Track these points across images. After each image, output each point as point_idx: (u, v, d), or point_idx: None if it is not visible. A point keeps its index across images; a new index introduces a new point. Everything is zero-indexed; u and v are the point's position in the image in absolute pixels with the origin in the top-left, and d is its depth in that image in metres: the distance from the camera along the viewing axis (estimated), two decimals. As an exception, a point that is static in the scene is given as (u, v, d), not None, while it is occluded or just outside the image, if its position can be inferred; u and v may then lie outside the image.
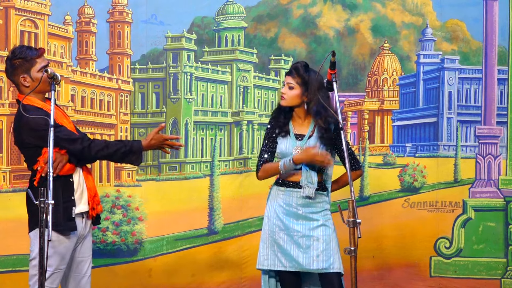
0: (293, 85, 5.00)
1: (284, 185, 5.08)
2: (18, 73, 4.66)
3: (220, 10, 7.21)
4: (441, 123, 7.25)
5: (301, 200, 5.00)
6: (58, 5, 6.89)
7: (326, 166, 4.99)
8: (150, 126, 7.06)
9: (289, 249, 4.99)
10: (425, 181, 7.25)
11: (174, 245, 6.98)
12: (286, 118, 5.09)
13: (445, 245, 7.15)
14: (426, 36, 7.27)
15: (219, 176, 7.10)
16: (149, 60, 7.08)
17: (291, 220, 5.02)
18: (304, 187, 4.96)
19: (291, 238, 4.99)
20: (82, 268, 4.84)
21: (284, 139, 5.07)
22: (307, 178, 4.95)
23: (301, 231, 4.99)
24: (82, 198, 4.77)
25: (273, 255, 5.03)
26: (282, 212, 5.05)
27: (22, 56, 4.65)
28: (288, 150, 5.03)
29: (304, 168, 4.96)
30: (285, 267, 4.99)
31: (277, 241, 5.02)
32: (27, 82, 4.65)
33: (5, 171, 6.64)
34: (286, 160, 4.96)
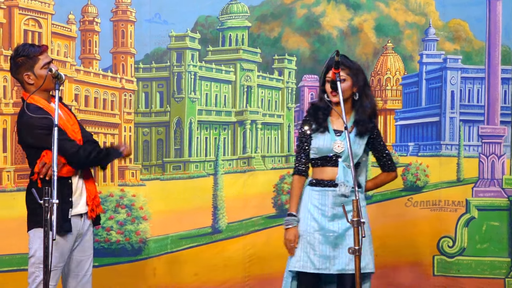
0: (344, 77, 4.93)
1: (319, 185, 5.02)
2: (21, 71, 4.68)
3: (224, 10, 7.21)
4: (443, 122, 7.26)
5: (337, 198, 4.93)
6: (62, 4, 6.89)
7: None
8: (154, 126, 7.07)
9: (324, 250, 4.92)
10: (428, 180, 7.26)
11: (178, 244, 6.98)
12: (324, 114, 5.04)
13: (448, 244, 7.15)
14: (429, 36, 7.28)
15: (223, 175, 7.10)
16: (153, 59, 7.08)
17: (326, 220, 4.95)
18: (340, 185, 4.91)
19: (327, 239, 4.93)
20: (82, 267, 4.86)
21: (323, 135, 5.01)
22: (344, 176, 4.91)
23: (336, 231, 4.92)
24: (80, 200, 4.79)
25: (305, 256, 4.95)
26: (317, 212, 4.98)
27: (24, 54, 4.67)
28: (326, 145, 4.98)
29: (341, 165, 4.93)
30: (317, 269, 4.93)
31: (311, 242, 4.94)
32: (30, 79, 4.68)
33: (9, 170, 6.64)
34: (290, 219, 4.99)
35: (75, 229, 4.75)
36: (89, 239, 4.89)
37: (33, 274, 4.73)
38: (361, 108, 4.99)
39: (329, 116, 5.05)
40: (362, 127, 4.98)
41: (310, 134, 5.05)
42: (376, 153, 5.14)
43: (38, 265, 4.68)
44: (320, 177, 5.03)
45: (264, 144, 7.26)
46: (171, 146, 7.06)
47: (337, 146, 4.96)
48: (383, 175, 5.23)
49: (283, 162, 7.28)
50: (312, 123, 5.05)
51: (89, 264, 4.90)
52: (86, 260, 4.88)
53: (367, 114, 4.99)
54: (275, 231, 7.04)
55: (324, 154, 5.00)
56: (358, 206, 4.26)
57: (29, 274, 4.73)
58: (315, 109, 5.08)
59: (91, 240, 4.93)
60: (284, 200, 7.13)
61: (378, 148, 5.12)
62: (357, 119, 5.00)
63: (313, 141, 5.03)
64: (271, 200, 7.16)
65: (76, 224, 4.75)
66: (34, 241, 4.73)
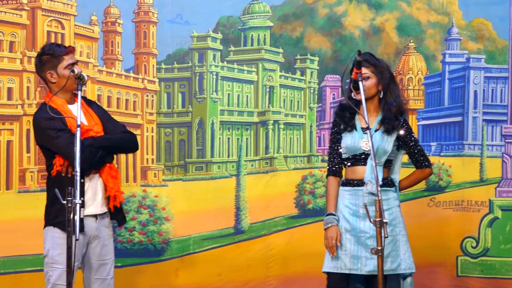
0: (369, 74, 4.91)
1: (349, 185, 5.00)
2: (45, 69, 4.74)
3: (245, 10, 7.21)
4: (466, 122, 7.22)
5: (367, 198, 4.89)
6: (84, 5, 6.92)
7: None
8: (176, 126, 7.08)
9: (356, 251, 4.88)
10: (451, 180, 7.22)
11: (200, 244, 6.99)
12: (351, 113, 5.02)
13: (471, 244, 7.11)
14: (452, 35, 7.24)
15: (245, 175, 7.10)
16: (175, 60, 7.10)
17: (358, 220, 4.92)
18: (367, 183, 4.89)
19: (358, 239, 4.90)
20: (103, 270, 4.87)
21: (351, 134, 4.99)
22: (371, 174, 4.87)
23: (368, 232, 4.87)
24: (94, 200, 4.80)
25: (336, 257, 4.91)
26: (348, 212, 4.95)
27: (50, 53, 4.73)
28: (354, 144, 4.96)
29: (369, 163, 4.90)
30: (349, 270, 4.89)
31: (343, 242, 4.91)
32: (53, 78, 4.73)
33: (33, 170, 6.68)
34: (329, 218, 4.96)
35: (88, 229, 4.75)
36: (108, 243, 4.89)
37: (47, 274, 4.76)
38: (387, 106, 4.96)
39: (356, 114, 5.03)
40: (388, 125, 4.95)
41: (340, 134, 5.04)
42: (408, 150, 5.10)
43: (51, 265, 4.72)
44: (351, 176, 5.01)
45: (286, 144, 7.25)
46: (193, 146, 7.07)
47: (365, 144, 4.93)
48: (417, 172, 5.20)
49: (305, 162, 7.27)
50: (340, 123, 5.04)
51: (110, 267, 4.91)
52: (107, 264, 4.89)
53: (392, 111, 4.96)
54: (297, 231, 7.05)
55: (353, 153, 4.99)
56: (380, 206, 4.24)
57: (44, 273, 4.76)
58: (342, 108, 5.08)
59: (111, 244, 4.93)
60: (306, 200, 7.12)
61: (410, 144, 5.08)
62: (383, 117, 4.98)
63: (342, 140, 5.02)
64: (293, 200, 7.16)
65: (88, 226, 4.75)
66: (47, 240, 4.78)
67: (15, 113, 6.67)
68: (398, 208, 5.04)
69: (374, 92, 4.96)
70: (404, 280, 4.99)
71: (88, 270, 4.86)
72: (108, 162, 4.80)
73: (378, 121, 4.98)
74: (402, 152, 5.13)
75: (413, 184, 5.24)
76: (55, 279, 4.70)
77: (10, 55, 6.66)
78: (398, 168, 5.12)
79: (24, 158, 6.68)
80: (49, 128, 4.63)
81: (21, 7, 6.70)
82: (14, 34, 6.68)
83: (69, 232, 4.19)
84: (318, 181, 7.17)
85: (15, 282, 6.61)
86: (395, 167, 5.09)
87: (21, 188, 6.67)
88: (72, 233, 4.18)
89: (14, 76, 6.68)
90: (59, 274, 4.65)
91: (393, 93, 4.98)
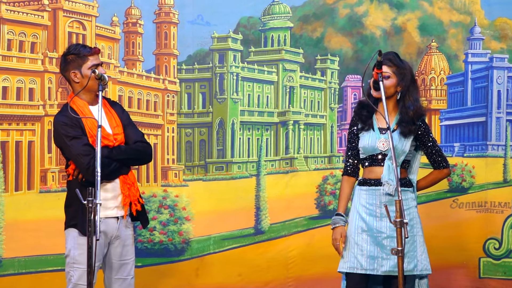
0: (389, 74, 4.88)
1: (366, 184, 4.98)
2: (70, 68, 4.76)
3: (266, 10, 7.21)
4: (490, 122, 7.17)
5: (384, 198, 4.88)
6: (105, 6, 6.94)
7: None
8: (196, 126, 7.10)
9: (372, 251, 4.87)
10: (474, 181, 7.18)
11: (221, 244, 6.99)
12: (369, 112, 5.01)
13: (494, 246, 7.07)
14: (474, 35, 7.20)
15: (265, 176, 7.10)
16: (196, 61, 7.11)
17: (374, 220, 4.91)
18: (385, 184, 4.87)
19: (375, 240, 4.88)
20: (124, 270, 4.88)
21: (368, 133, 4.97)
22: (388, 174, 4.85)
23: (385, 232, 4.87)
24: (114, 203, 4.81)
25: (352, 257, 4.90)
26: (365, 212, 4.94)
27: (75, 52, 4.76)
28: (371, 144, 4.94)
29: (387, 163, 4.88)
30: (365, 270, 4.87)
31: (359, 242, 4.90)
32: (77, 78, 4.75)
33: (54, 171, 6.72)
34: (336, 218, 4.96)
35: (109, 230, 4.77)
36: (129, 244, 4.91)
37: (68, 273, 4.79)
38: (404, 109, 4.93)
39: (374, 114, 5.01)
40: (404, 128, 4.92)
41: (357, 134, 5.02)
42: (426, 150, 5.08)
43: (72, 265, 4.74)
44: (368, 176, 5.00)
45: (307, 144, 7.24)
46: (214, 146, 7.08)
47: (382, 144, 4.91)
48: (435, 173, 5.17)
49: (326, 163, 7.25)
50: (358, 121, 5.02)
51: (130, 267, 4.92)
52: (127, 264, 4.90)
53: (409, 115, 4.92)
54: (317, 232, 7.04)
55: (370, 153, 4.97)
56: (401, 206, 4.21)
57: (65, 273, 4.79)
58: (360, 107, 5.06)
59: (132, 244, 4.94)
60: (327, 201, 7.11)
61: (428, 145, 5.05)
62: (400, 119, 4.95)
63: (360, 141, 5.01)
64: (314, 201, 7.14)
65: (109, 226, 4.76)
66: (68, 240, 4.80)
67: (37, 113, 6.71)
68: (415, 208, 5.01)
69: (393, 92, 4.94)
70: (420, 281, 4.97)
71: (109, 270, 4.88)
72: (123, 174, 4.81)
73: (395, 122, 4.95)
74: (420, 152, 5.11)
75: (431, 185, 5.21)
76: (77, 279, 4.72)
77: (31, 56, 6.70)
78: (416, 169, 5.09)
79: (45, 158, 6.72)
80: (65, 135, 4.67)
81: (43, 8, 6.74)
82: (36, 35, 6.72)
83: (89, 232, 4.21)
84: (339, 182, 7.11)
85: (36, 282, 6.65)
86: (413, 167, 5.06)
87: (43, 188, 6.71)
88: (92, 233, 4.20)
89: (35, 76, 6.72)
90: (80, 274, 4.67)
91: (412, 96, 4.94)
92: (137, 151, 4.87)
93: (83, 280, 4.61)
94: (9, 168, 6.64)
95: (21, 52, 6.68)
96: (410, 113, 4.92)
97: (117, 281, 4.88)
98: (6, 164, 6.63)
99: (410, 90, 4.95)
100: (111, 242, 4.83)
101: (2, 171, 6.62)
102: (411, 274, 4.88)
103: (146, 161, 5.12)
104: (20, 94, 6.69)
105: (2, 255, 6.61)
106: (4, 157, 6.62)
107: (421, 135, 5.01)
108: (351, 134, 5.06)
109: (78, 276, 4.72)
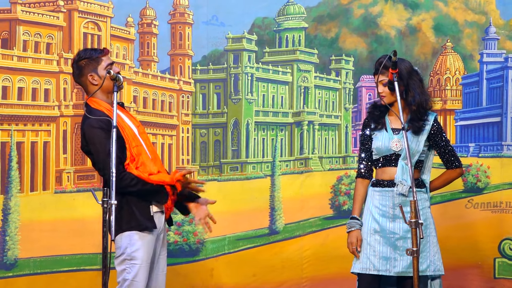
0: (386, 80, 4.87)
1: (379, 185, 4.97)
2: (85, 73, 4.70)
3: (280, 11, 7.21)
4: (505, 122, 7.15)
5: (398, 199, 4.87)
6: (120, 7, 6.97)
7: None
8: (211, 127, 7.11)
9: (385, 252, 4.86)
10: (489, 182, 7.16)
11: (235, 245, 7.00)
12: (382, 112, 5.00)
13: (509, 246, 7.05)
14: (489, 35, 7.18)
15: (280, 176, 7.10)
16: (210, 61, 7.12)
17: (387, 221, 4.90)
18: (398, 184, 4.85)
19: (388, 240, 4.87)
20: (159, 264, 4.86)
21: (381, 134, 4.96)
22: (402, 175, 4.85)
23: (398, 233, 4.86)
24: None
25: (365, 258, 4.90)
26: (378, 213, 4.93)
27: (87, 56, 4.72)
28: (384, 144, 4.93)
29: (400, 163, 4.87)
30: (377, 271, 4.87)
31: (372, 243, 4.90)
32: (95, 80, 4.70)
33: (69, 171, 6.74)
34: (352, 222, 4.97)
35: (159, 224, 4.74)
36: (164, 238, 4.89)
37: (123, 271, 4.72)
38: (409, 106, 4.93)
39: (387, 115, 5.01)
40: (414, 126, 4.91)
41: (370, 135, 5.02)
42: (438, 150, 5.06)
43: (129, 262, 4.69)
44: (381, 177, 4.99)
45: (322, 145, 7.24)
46: (228, 147, 7.08)
47: (395, 145, 4.91)
48: (448, 172, 5.15)
49: (341, 163, 7.25)
50: (371, 122, 5.02)
51: (165, 262, 4.90)
52: (163, 258, 4.88)
53: (413, 110, 4.91)
54: (332, 232, 7.03)
55: (383, 153, 4.96)
56: (416, 207, 4.21)
57: (119, 272, 4.73)
58: (373, 108, 5.06)
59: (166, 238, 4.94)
60: (342, 201, 7.10)
61: (440, 144, 5.03)
62: (410, 118, 4.94)
63: (373, 142, 5.00)
64: (328, 201, 7.14)
65: (159, 220, 4.74)
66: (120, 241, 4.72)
67: (52, 114, 6.74)
68: (428, 209, 5.00)
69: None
70: (433, 281, 4.96)
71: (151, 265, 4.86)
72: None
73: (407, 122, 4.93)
74: (433, 152, 5.09)
75: (444, 185, 5.19)
76: (133, 276, 4.70)
77: (47, 57, 6.74)
78: (428, 169, 5.08)
79: (60, 159, 6.75)
80: (103, 145, 4.57)
81: (58, 9, 6.77)
82: (51, 36, 6.75)
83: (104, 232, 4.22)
84: (354, 182, 7.10)
85: (51, 282, 6.68)
86: (425, 167, 5.05)
87: (58, 189, 6.74)
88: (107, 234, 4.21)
89: (51, 77, 6.75)
90: (138, 270, 4.66)
91: (413, 91, 4.91)
92: (161, 194, 4.74)
93: (138, 277, 4.62)
94: (24, 169, 6.67)
95: (37, 53, 6.72)
96: (413, 108, 4.91)
97: (155, 275, 4.84)
98: (22, 165, 6.67)
99: (410, 85, 4.92)
100: (157, 238, 4.80)
101: (18, 171, 6.65)
102: (424, 274, 4.86)
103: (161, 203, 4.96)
104: (35, 94, 6.72)
105: (18, 255, 6.65)
106: (20, 158, 6.65)
107: (434, 135, 5.00)
108: (364, 136, 5.05)
109: (137, 273, 4.70)
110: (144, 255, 4.62)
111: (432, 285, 4.99)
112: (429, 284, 4.97)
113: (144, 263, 4.64)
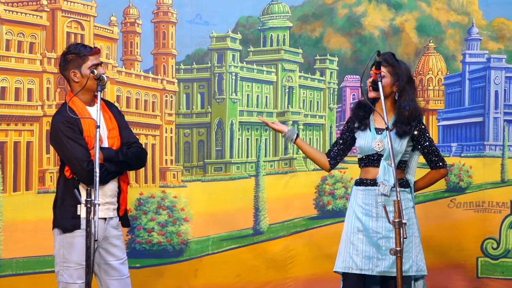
0: (384, 74, 4.88)
1: (362, 184, 5.00)
2: (69, 67, 4.75)
3: (265, 10, 7.21)
4: (487, 122, 7.18)
5: (381, 198, 4.89)
6: (104, 6, 6.93)
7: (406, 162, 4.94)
8: (195, 127, 7.09)
9: (368, 251, 4.88)
10: (471, 181, 7.19)
11: (219, 245, 6.99)
12: (366, 112, 5.02)
13: (492, 246, 7.08)
14: (472, 35, 7.21)
15: (264, 176, 7.10)
16: (194, 60, 7.10)
17: (370, 220, 4.92)
18: (380, 184, 4.87)
19: (371, 240, 4.89)
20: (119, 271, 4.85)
21: (364, 133, 5.00)
22: (384, 175, 4.87)
23: (380, 232, 4.89)
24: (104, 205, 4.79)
25: (348, 257, 4.93)
26: (361, 212, 4.95)
27: (75, 52, 4.75)
28: (367, 144, 4.95)
29: (382, 164, 4.89)
30: (360, 270, 4.89)
31: (355, 242, 4.92)
32: (76, 77, 4.74)
33: (52, 171, 6.70)
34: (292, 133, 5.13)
35: (98, 232, 4.73)
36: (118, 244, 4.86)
37: (58, 273, 4.76)
38: (400, 109, 4.94)
39: (371, 114, 5.02)
40: (399, 129, 4.93)
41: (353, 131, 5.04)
42: (422, 150, 5.08)
43: (62, 264, 4.71)
44: (364, 176, 5.02)
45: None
46: (212, 147, 7.07)
47: (377, 145, 4.93)
48: (432, 173, 5.17)
49: (325, 163, 7.25)
50: (355, 120, 5.04)
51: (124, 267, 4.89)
52: (123, 263, 4.88)
53: (405, 115, 4.92)
54: (316, 232, 7.04)
55: (366, 153, 4.98)
56: (399, 207, 4.22)
57: (55, 273, 4.78)
58: (358, 106, 5.07)
59: (122, 244, 4.91)
60: (326, 201, 7.11)
61: (424, 145, 5.05)
62: (396, 120, 4.95)
63: (356, 140, 5.02)
64: (313, 201, 7.14)
65: (100, 228, 4.72)
66: (56, 240, 4.78)
67: (35, 114, 6.70)
68: (412, 209, 5.02)
69: (388, 92, 4.94)
70: (416, 282, 4.97)
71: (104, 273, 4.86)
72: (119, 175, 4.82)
73: (392, 122, 4.95)
74: (417, 153, 5.11)
75: (428, 185, 5.21)
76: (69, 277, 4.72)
77: (30, 56, 6.69)
78: (413, 169, 5.10)
79: (43, 159, 6.71)
80: (64, 136, 4.66)
81: (41, 8, 6.72)
82: (34, 35, 6.71)
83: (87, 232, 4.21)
84: (338, 182, 7.15)
85: (35, 283, 6.64)
86: (410, 168, 5.07)
87: (41, 189, 6.69)
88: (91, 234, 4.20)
89: (34, 77, 6.70)
90: (73, 272, 4.68)
91: (408, 96, 4.94)
92: (136, 156, 4.86)
93: (71, 279, 4.67)
94: (7, 169, 6.62)
95: (20, 52, 6.67)
96: (405, 114, 4.92)
97: (117, 281, 4.85)
98: (5, 165, 6.62)
99: (406, 90, 4.95)
100: (99, 244, 4.79)
101: (1, 171, 6.60)
102: (407, 275, 4.87)
103: (142, 166, 5.14)
104: (18, 94, 6.67)
105: (1, 256, 6.60)
106: (3, 158, 6.60)
107: (418, 135, 5.01)
108: (345, 127, 5.11)
109: (72, 275, 4.71)
110: (77, 257, 4.65)
111: (415, 286, 5.00)
112: (413, 284, 4.99)
113: (79, 265, 4.65)
